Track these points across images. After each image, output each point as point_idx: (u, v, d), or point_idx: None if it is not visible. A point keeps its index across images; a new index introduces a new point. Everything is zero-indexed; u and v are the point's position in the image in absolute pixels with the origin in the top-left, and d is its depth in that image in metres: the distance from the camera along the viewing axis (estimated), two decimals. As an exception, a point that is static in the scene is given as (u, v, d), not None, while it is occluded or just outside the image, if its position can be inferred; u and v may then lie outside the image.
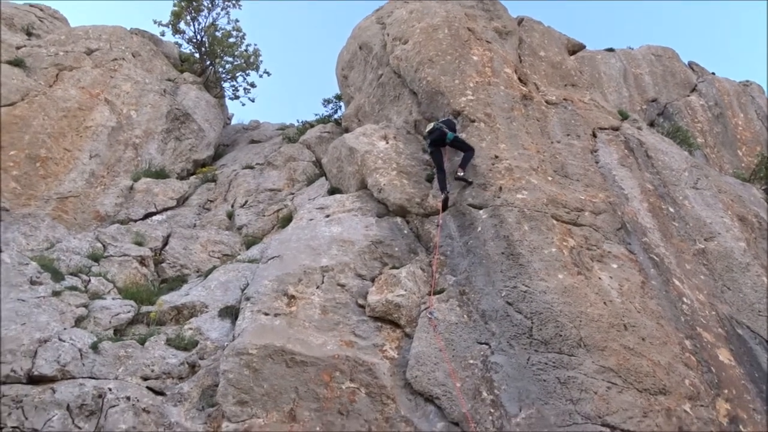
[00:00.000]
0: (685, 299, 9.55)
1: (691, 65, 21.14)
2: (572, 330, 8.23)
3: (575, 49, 18.21)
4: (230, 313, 9.62)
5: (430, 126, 11.69)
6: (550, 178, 11.14)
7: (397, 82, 14.67)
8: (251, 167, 16.76)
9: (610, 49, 20.52)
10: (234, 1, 22.05)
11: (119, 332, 9.35)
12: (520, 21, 16.63)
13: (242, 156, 18.16)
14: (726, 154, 17.92)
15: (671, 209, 11.54)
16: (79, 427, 7.36)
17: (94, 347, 8.40)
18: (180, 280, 11.70)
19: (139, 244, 12.35)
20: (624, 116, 14.28)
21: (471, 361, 8.34)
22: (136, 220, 13.85)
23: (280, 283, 9.41)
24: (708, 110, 18.84)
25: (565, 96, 13.81)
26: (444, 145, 11.48)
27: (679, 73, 20.09)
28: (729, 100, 19.47)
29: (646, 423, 7.40)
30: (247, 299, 9.29)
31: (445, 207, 10.84)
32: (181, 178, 16.37)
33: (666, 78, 19.72)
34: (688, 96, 19.37)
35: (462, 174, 10.91)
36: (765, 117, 19.56)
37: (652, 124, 17.42)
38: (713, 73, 21.10)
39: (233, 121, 23.56)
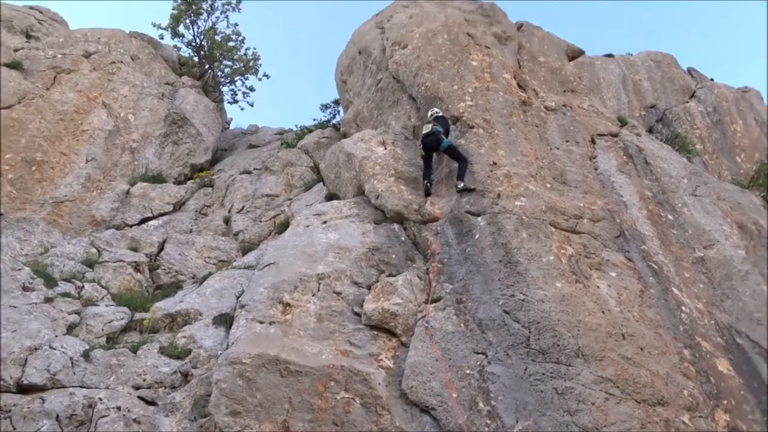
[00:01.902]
0: (684, 308, 9.46)
1: (690, 71, 21.05)
2: (570, 339, 8.13)
3: (574, 54, 18.13)
4: (225, 320, 9.53)
5: (427, 129, 11.60)
6: (548, 185, 11.05)
7: (396, 87, 14.59)
8: (249, 172, 16.68)
9: (609, 55, 20.45)
10: (233, 5, 22.02)
11: (112, 340, 9.25)
12: (520, 26, 16.57)
13: (240, 161, 18.09)
14: (725, 160, 17.82)
15: (670, 216, 11.45)
16: (69, 437, 7.26)
17: (86, 355, 8.31)
18: (175, 287, 11.61)
19: (135, 249, 12.26)
20: (623, 122, 14.21)
21: (467, 371, 8.24)
22: (131, 225, 13.76)
23: (275, 291, 9.31)
24: (707, 116, 18.75)
25: (564, 102, 13.73)
26: (437, 150, 11.46)
27: (678, 80, 20.02)
28: (727, 106, 19.37)
29: (645, 435, 7.31)
30: (242, 307, 9.19)
31: (427, 193, 11.39)
32: (178, 182, 16.30)
33: (665, 84, 19.64)
34: (687, 102, 19.28)
35: (462, 185, 10.86)
36: (763, 124, 19.46)
37: (651, 131, 17.33)
38: (712, 80, 21.01)
39: (232, 126, 23.52)
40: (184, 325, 9.69)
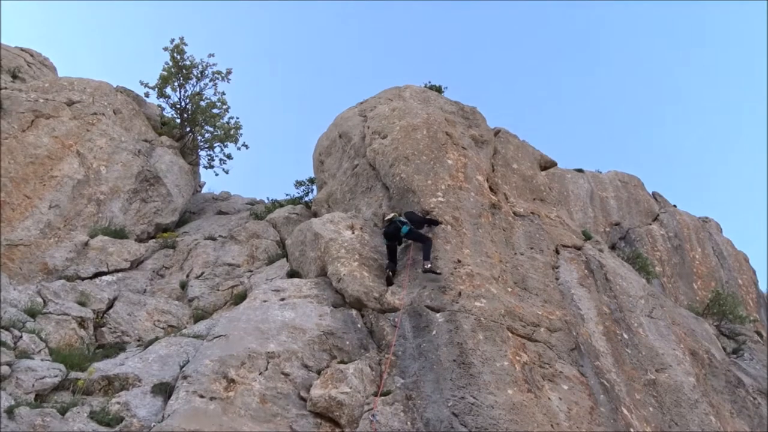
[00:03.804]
0: (632, 431, 9.37)
1: (655, 195, 21.89)
2: (516, 451, 7.94)
3: (547, 165, 18.80)
4: (164, 390, 9.08)
5: (389, 216, 11.91)
6: (509, 289, 11.13)
7: (371, 174, 14.83)
8: (213, 239, 16.48)
9: (580, 170, 21.20)
10: (224, 75, 22.44)
11: (41, 398, 8.71)
12: (497, 132, 17.20)
13: (207, 226, 17.90)
14: (682, 285, 18.26)
15: (625, 335, 11.55)
16: (-26, 501, 6.70)
17: (9, 412, 7.79)
18: (118, 348, 11.12)
19: (82, 304, 11.81)
20: (587, 237, 14.56)
21: (409, 473, 7.94)
22: (84, 278, 13.32)
23: (221, 365, 9.00)
24: (668, 241, 19.36)
25: (532, 209, 14.08)
26: (399, 239, 11.64)
27: (643, 202, 20.78)
28: (688, 233, 20.07)
29: None
30: (185, 378, 8.84)
31: (389, 282, 11.44)
32: (140, 240, 15.97)
33: (630, 204, 20.35)
34: (650, 224, 19.93)
35: (429, 266, 10.93)
36: (720, 254, 20.16)
37: (613, 247, 17.78)
38: (675, 206, 21.87)
39: (204, 190, 23.42)
40: (120, 390, 9.20)
